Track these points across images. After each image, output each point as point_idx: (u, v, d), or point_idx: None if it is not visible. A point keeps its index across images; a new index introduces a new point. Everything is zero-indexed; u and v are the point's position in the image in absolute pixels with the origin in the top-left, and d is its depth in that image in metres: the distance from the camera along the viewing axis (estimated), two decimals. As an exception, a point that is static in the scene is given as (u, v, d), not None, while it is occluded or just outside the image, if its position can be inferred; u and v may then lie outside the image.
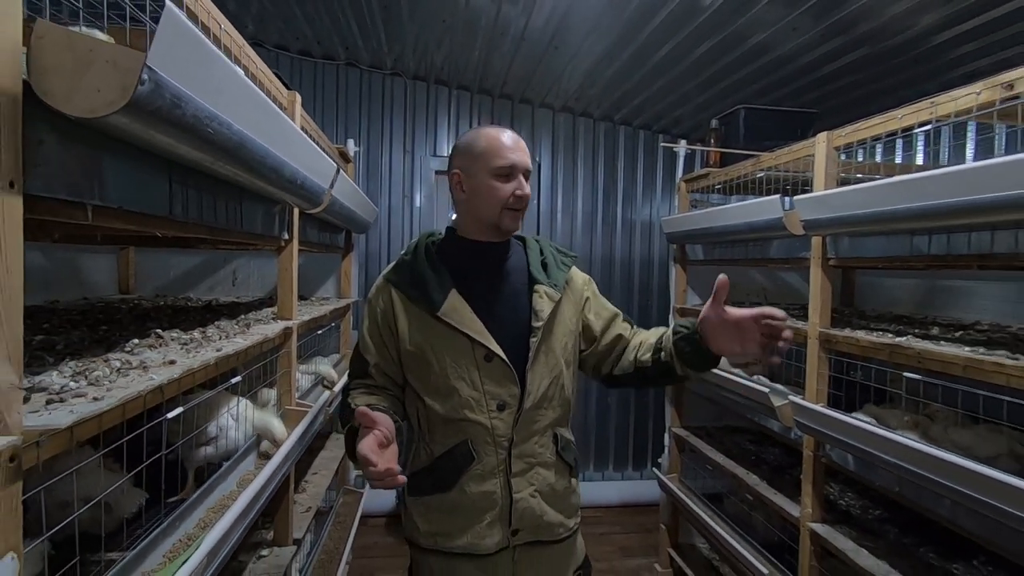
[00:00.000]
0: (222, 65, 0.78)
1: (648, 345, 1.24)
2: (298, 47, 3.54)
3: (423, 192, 3.82)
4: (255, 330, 1.38)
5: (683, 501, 2.74)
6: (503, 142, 1.17)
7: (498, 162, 1.16)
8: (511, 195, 1.16)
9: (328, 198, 1.64)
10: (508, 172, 1.16)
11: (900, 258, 1.56)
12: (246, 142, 0.89)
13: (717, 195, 2.90)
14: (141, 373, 0.85)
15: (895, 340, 1.53)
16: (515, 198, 1.16)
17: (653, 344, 1.23)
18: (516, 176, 1.16)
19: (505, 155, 1.16)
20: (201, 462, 1.35)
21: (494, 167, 1.16)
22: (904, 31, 2.46)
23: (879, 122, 1.56)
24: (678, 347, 1.16)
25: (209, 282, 2.67)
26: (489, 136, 1.18)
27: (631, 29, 2.74)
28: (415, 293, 1.19)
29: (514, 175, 1.16)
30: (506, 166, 1.15)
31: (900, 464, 1.42)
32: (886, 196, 1.36)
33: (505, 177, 1.16)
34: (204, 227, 1.02)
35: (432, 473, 1.21)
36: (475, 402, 1.16)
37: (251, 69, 1.25)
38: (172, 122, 0.68)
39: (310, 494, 2.05)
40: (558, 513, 1.23)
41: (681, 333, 1.16)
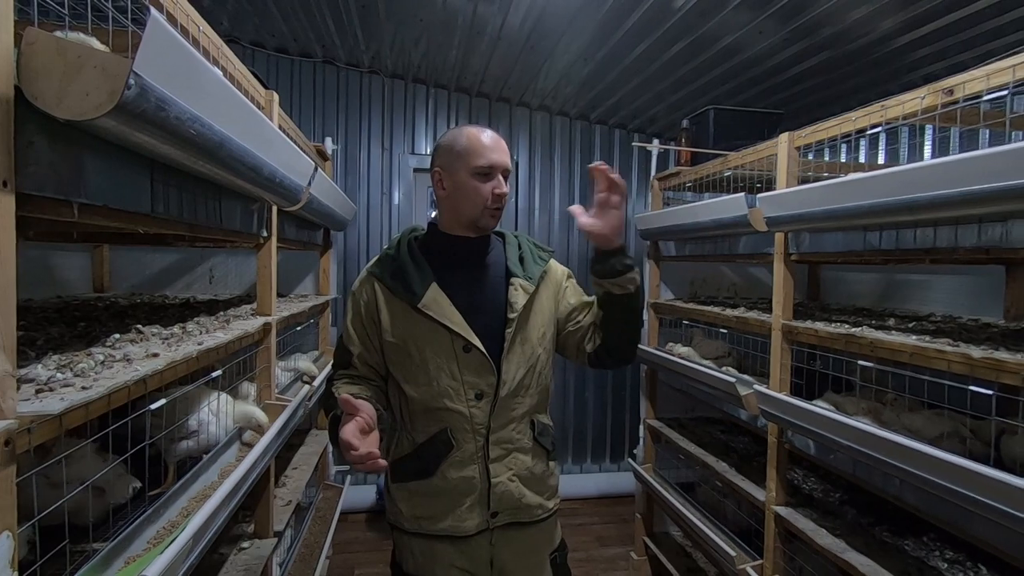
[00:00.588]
0: (204, 69, 0.81)
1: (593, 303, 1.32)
2: (274, 44, 3.53)
3: (401, 190, 3.84)
4: (235, 325, 1.41)
5: (657, 491, 2.82)
6: (483, 142, 1.21)
7: (478, 161, 1.20)
8: (490, 194, 1.21)
9: (306, 196, 1.66)
10: (487, 171, 1.20)
11: (855, 253, 1.65)
12: (226, 142, 0.92)
13: (689, 193, 2.99)
14: (125, 365, 0.88)
15: (850, 331, 1.62)
16: (494, 197, 1.21)
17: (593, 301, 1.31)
18: (495, 176, 1.21)
19: (485, 155, 1.20)
20: (182, 455, 1.37)
21: (474, 166, 1.20)
22: (865, 35, 2.57)
23: (836, 123, 1.65)
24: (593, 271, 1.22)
25: (186, 280, 2.66)
26: (470, 135, 1.22)
27: (605, 29, 2.81)
28: (397, 286, 1.23)
29: (493, 174, 1.21)
30: (485, 166, 1.20)
31: (853, 447, 1.51)
32: (839, 194, 1.45)
33: (484, 176, 1.21)
34: (184, 224, 1.05)
35: (414, 460, 1.26)
36: (454, 391, 1.21)
37: (229, 69, 1.28)
38: (157, 124, 0.71)
39: (290, 488, 2.07)
40: (536, 495, 1.29)
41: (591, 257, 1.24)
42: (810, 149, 1.80)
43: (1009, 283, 1.98)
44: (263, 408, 1.62)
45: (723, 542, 2.23)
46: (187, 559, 0.84)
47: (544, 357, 1.30)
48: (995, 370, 1.19)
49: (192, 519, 0.86)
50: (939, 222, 1.37)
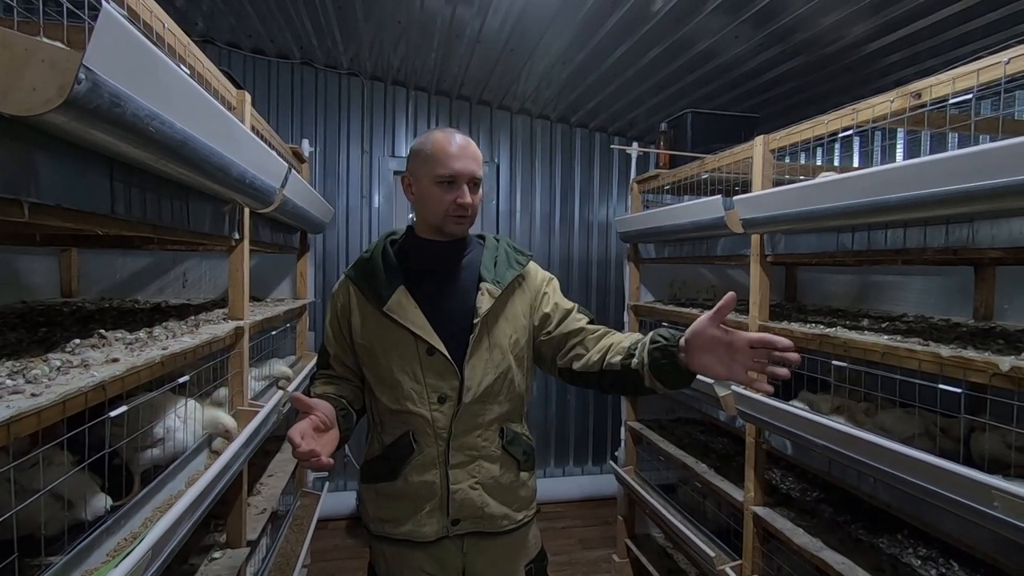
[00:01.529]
0: (163, 65, 0.79)
1: (620, 349, 1.17)
2: (251, 45, 3.48)
3: (381, 192, 3.81)
4: (204, 330, 1.37)
5: (639, 493, 2.82)
6: (448, 150, 1.17)
7: (440, 170, 1.17)
8: (452, 203, 1.18)
9: (280, 198, 1.64)
10: (450, 180, 1.18)
11: (828, 254, 1.67)
12: (190, 141, 0.89)
13: (668, 196, 3.01)
14: (82, 371, 0.84)
15: (824, 331, 1.64)
16: (456, 206, 1.18)
17: (626, 348, 1.15)
18: (460, 184, 1.18)
19: (447, 164, 1.16)
20: (148, 464, 1.33)
21: (436, 175, 1.17)
22: (837, 40, 2.61)
23: (809, 127, 1.67)
24: (653, 357, 1.07)
25: (158, 284, 2.60)
26: (436, 142, 1.18)
27: (584, 32, 2.82)
28: (368, 289, 1.23)
29: (457, 183, 1.18)
30: (447, 175, 1.17)
31: (828, 446, 1.52)
32: (812, 196, 1.46)
33: (447, 185, 1.18)
34: (148, 226, 1.02)
35: (382, 462, 1.25)
36: (417, 394, 1.20)
37: (197, 68, 1.25)
38: (112, 121, 0.68)
39: (265, 496, 2.03)
40: (502, 505, 1.26)
41: (659, 344, 1.07)
42: (785, 152, 1.82)
43: (978, 283, 2.02)
44: (235, 414, 1.59)
45: (703, 543, 2.23)
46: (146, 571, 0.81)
47: (516, 365, 1.27)
48: (963, 368, 1.21)
49: (151, 531, 0.83)
50: (909, 223, 1.39)
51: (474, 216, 1.24)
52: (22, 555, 0.90)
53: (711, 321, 1.01)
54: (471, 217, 1.22)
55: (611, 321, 4.15)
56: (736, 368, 0.99)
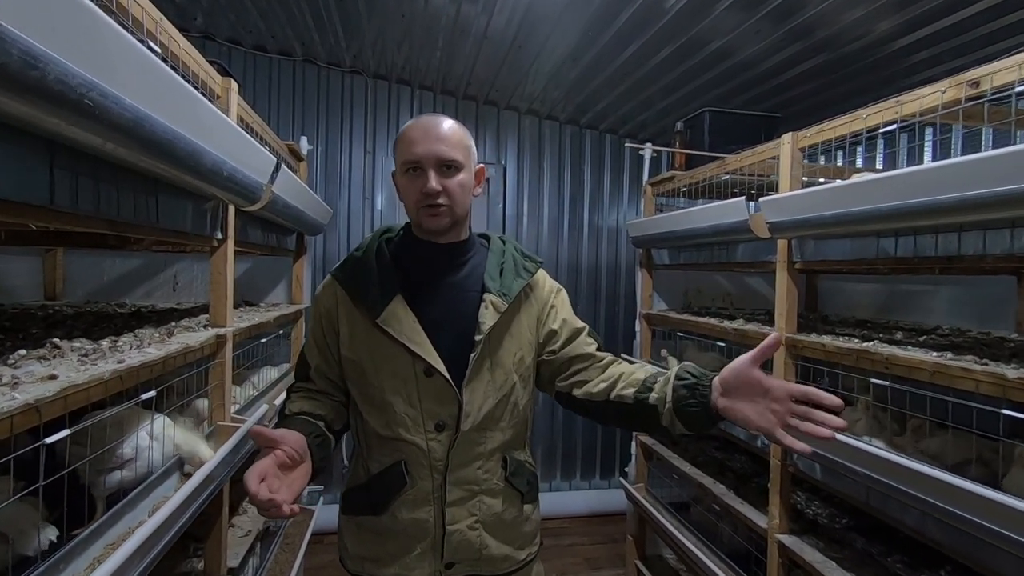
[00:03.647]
0: (104, 25, 0.66)
1: (632, 380, 1.07)
2: (252, 42, 3.38)
3: (384, 194, 3.69)
4: (178, 339, 1.24)
5: (649, 512, 2.67)
6: (409, 134, 1.05)
7: (403, 157, 1.06)
8: (419, 192, 1.04)
9: (268, 195, 1.51)
10: (415, 166, 1.05)
11: (866, 261, 1.52)
12: (145, 121, 0.76)
13: (683, 199, 2.87)
14: (8, 391, 0.71)
15: (861, 345, 1.49)
16: (423, 195, 1.04)
17: (640, 381, 1.06)
18: (426, 170, 1.04)
19: (409, 148, 1.04)
20: (114, 488, 1.20)
21: (401, 162, 1.07)
22: (861, 37, 2.48)
23: (844, 122, 1.53)
24: (679, 395, 0.98)
25: (147, 287, 2.48)
26: (404, 129, 1.07)
27: (593, 31, 2.70)
28: (358, 295, 1.09)
29: (423, 168, 1.04)
30: (410, 161, 1.04)
31: (868, 474, 1.37)
32: (854, 196, 1.32)
33: (414, 172, 1.05)
34: (102, 221, 0.89)
35: (366, 492, 1.11)
36: (411, 420, 1.05)
37: (172, 48, 1.13)
38: (28, 87, 0.56)
39: (251, 516, 1.89)
40: (504, 544, 1.12)
41: (687, 381, 0.98)
42: (816, 150, 1.68)
43: (1021, 294, 1.87)
44: (215, 430, 1.46)
45: (720, 569, 2.08)
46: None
47: (521, 386, 1.13)
48: (1033, 392, 1.06)
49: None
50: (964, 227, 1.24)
51: (455, 207, 1.06)
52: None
53: (752, 362, 0.91)
54: (448, 207, 1.05)
55: (621, 330, 4.01)
56: (771, 418, 0.89)
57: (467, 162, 1.08)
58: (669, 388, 1.00)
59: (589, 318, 4.00)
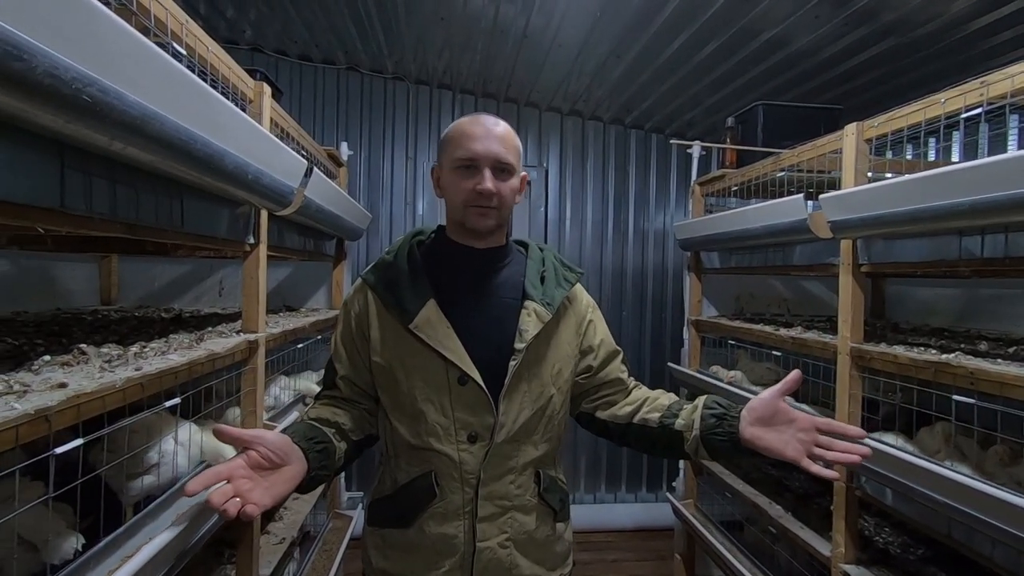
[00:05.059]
0: (102, 18, 0.63)
1: (657, 405, 1.10)
2: (297, 51, 3.45)
3: (426, 199, 3.68)
4: (205, 345, 1.23)
5: (699, 530, 2.52)
6: (467, 130, 1.02)
7: (457, 152, 1.02)
8: (470, 191, 1.01)
9: (300, 199, 1.49)
10: (469, 164, 1.01)
11: (947, 262, 1.35)
12: (152, 119, 0.73)
13: (734, 199, 2.71)
14: (12, 400, 0.69)
15: (942, 358, 1.32)
16: (475, 194, 1.00)
17: (665, 406, 1.09)
18: (481, 169, 1.01)
19: (466, 145, 1.01)
20: (141, 494, 1.19)
21: (454, 158, 1.02)
22: (932, 20, 2.27)
23: (918, 108, 1.37)
24: (707, 424, 1.01)
25: (195, 292, 2.54)
26: (458, 124, 1.05)
27: (635, 25, 2.59)
28: (390, 299, 1.04)
29: (479, 167, 1.01)
30: (465, 158, 1.01)
31: (950, 503, 1.21)
32: (934, 189, 1.17)
33: (467, 170, 1.01)
34: (120, 224, 0.87)
35: (393, 504, 1.06)
36: (443, 430, 1.01)
37: (199, 50, 1.11)
38: (13, 79, 0.52)
39: (287, 523, 1.88)
40: (535, 564, 1.07)
41: (715, 411, 1.02)
42: (884, 141, 1.52)
43: None
44: (246, 437, 1.44)
45: (778, 599, 1.92)
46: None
47: (558, 400, 1.09)
48: None
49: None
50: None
51: (502, 210, 1.04)
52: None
53: (778, 395, 0.98)
54: (497, 210, 1.03)
55: (669, 337, 3.85)
56: (798, 447, 0.94)
57: (517, 168, 1.07)
58: (697, 416, 1.03)
59: (635, 325, 3.87)
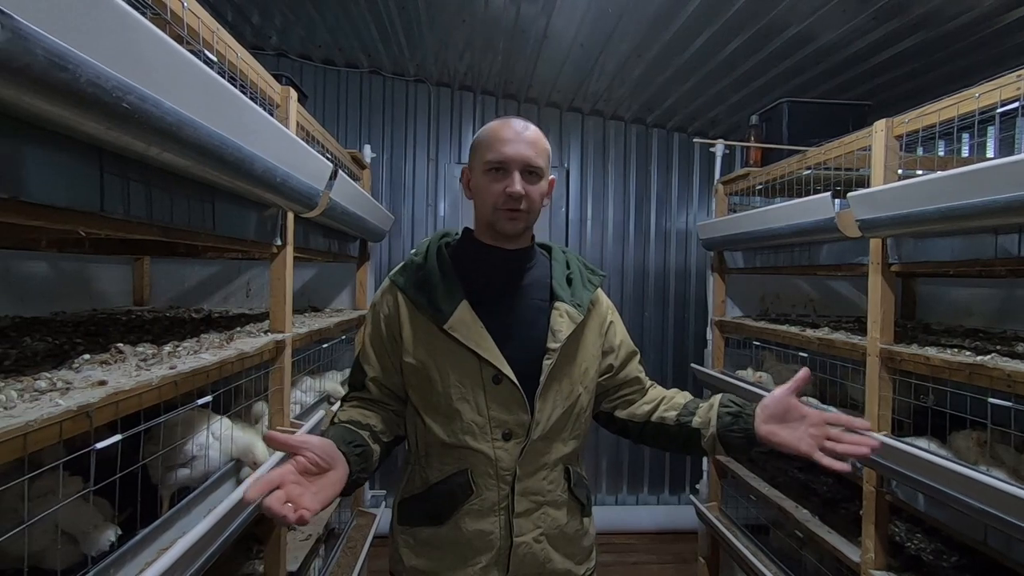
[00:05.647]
0: (139, 26, 0.65)
1: (673, 404, 1.15)
2: (321, 56, 3.51)
3: (447, 200, 3.71)
4: (234, 345, 1.26)
5: (723, 534, 2.49)
6: (499, 133, 1.03)
7: (489, 155, 1.03)
8: (500, 193, 1.02)
9: (325, 201, 1.52)
10: (499, 167, 1.02)
11: (981, 262, 1.32)
12: (188, 125, 0.76)
13: (759, 198, 2.67)
14: (56, 397, 0.72)
15: (977, 359, 1.29)
16: (504, 196, 1.02)
17: (681, 405, 1.14)
18: (511, 172, 1.02)
19: (497, 148, 1.02)
20: (178, 485, 1.23)
21: (484, 161, 1.03)
22: (965, 12, 2.20)
23: (951, 103, 1.34)
24: (724, 422, 1.06)
25: (223, 293, 2.60)
26: (489, 128, 1.06)
27: (657, 23, 2.57)
28: (422, 300, 1.05)
29: (508, 170, 1.02)
30: (496, 160, 1.02)
31: (985, 509, 1.18)
32: (963, 188, 1.14)
33: (497, 172, 1.03)
34: (156, 227, 0.90)
35: (424, 502, 1.07)
36: (478, 428, 1.02)
37: (229, 57, 1.14)
38: (58, 89, 0.55)
39: (314, 519, 1.91)
40: (566, 559, 1.09)
41: (731, 409, 1.07)
42: (916, 137, 1.48)
43: None
44: (274, 435, 1.47)
45: (805, 605, 1.89)
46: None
47: (585, 398, 1.11)
48: None
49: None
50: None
51: (531, 213, 1.05)
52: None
53: (789, 392, 1.02)
54: (526, 213, 1.04)
55: (692, 338, 3.81)
56: (807, 440, 0.99)
57: (547, 171, 1.09)
58: (713, 414, 1.08)
59: (657, 325, 3.84)
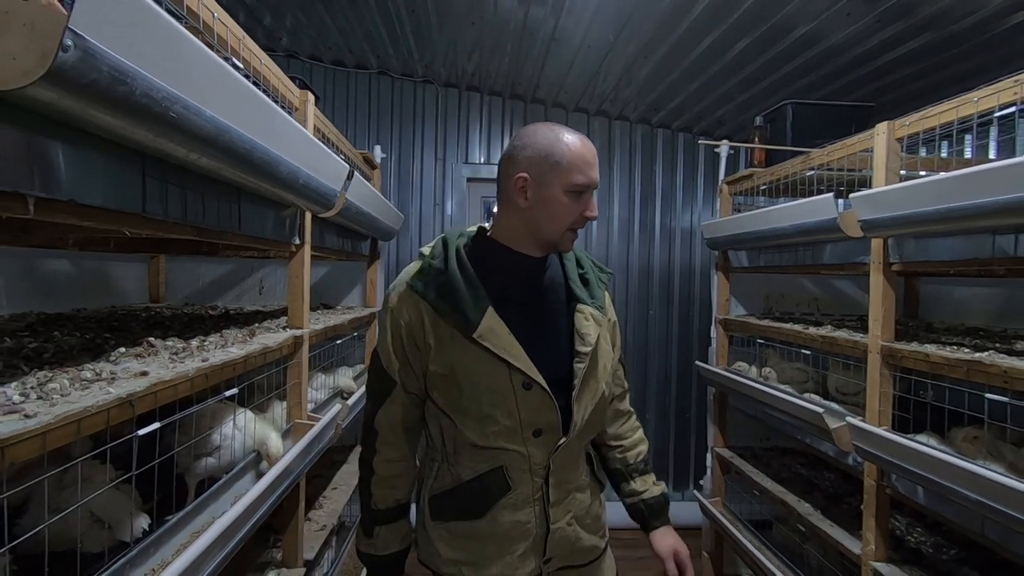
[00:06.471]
0: (186, 41, 0.70)
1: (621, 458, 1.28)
2: (331, 57, 3.55)
3: (455, 199, 3.75)
4: (258, 340, 1.31)
5: (727, 529, 2.53)
6: (585, 157, 1.03)
7: (578, 179, 1.02)
8: (579, 215, 1.05)
9: (342, 201, 1.57)
10: (583, 190, 1.04)
11: (979, 261, 1.35)
12: (225, 131, 0.81)
13: (763, 198, 2.71)
14: (104, 386, 0.77)
15: (975, 356, 1.33)
16: (582, 219, 1.06)
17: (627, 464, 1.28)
18: (589, 195, 1.06)
19: (587, 172, 1.03)
20: (204, 474, 1.28)
21: (571, 183, 1.02)
22: (971, 13, 2.23)
23: (951, 107, 1.38)
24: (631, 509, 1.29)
25: (237, 291, 2.66)
26: (572, 147, 1.03)
27: (666, 25, 2.60)
28: (444, 307, 1.03)
29: (588, 193, 1.05)
30: (584, 184, 1.03)
31: (983, 501, 1.22)
32: (962, 189, 1.18)
33: (578, 195, 1.04)
34: (190, 227, 0.95)
35: (457, 498, 1.10)
36: (510, 431, 1.05)
37: (253, 63, 1.19)
38: (118, 101, 0.60)
39: (327, 511, 1.97)
40: (591, 535, 1.16)
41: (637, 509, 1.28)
42: (916, 139, 1.52)
43: None
44: (292, 427, 1.52)
45: (807, 597, 1.93)
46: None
47: (607, 392, 1.15)
48: None
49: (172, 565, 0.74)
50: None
51: None
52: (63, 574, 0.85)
53: None
54: None
55: (696, 337, 3.85)
56: None
57: None
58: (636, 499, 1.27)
59: (662, 323, 3.87)
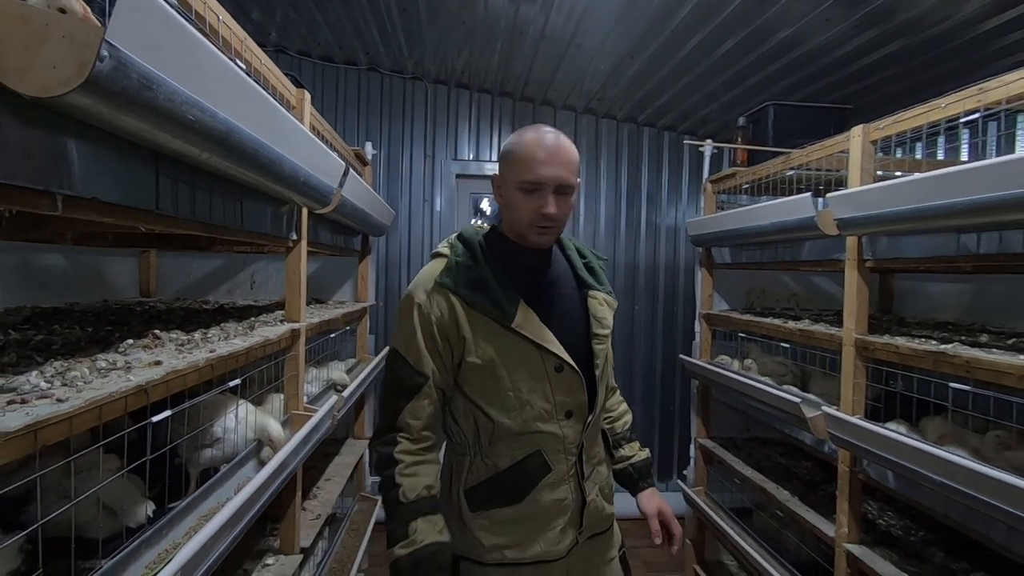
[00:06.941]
0: (203, 48, 0.74)
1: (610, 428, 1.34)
2: (320, 53, 3.56)
3: (443, 196, 3.79)
4: (259, 332, 1.35)
5: (709, 516, 2.61)
6: (535, 154, 1.06)
7: (525, 175, 1.06)
8: (534, 212, 1.07)
9: (338, 198, 1.60)
10: (534, 188, 1.07)
11: (946, 258, 1.44)
12: (235, 132, 0.84)
13: (745, 196, 2.79)
14: (122, 374, 0.81)
15: (940, 348, 1.41)
16: (539, 216, 1.07)
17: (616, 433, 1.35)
18: (546, 192, 1.06)
19: (533, 169, 1.05)
20: (206, 464, 1.32)
21: (520, 179, 1.07)
22: (944, 20, 2.32)
23: (920, 112, 1.45)
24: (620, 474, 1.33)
25: (228, 285, 2.68)
26: (526, 143, 1.08)
27: (653, 25, 2.66)
28: (478, 300, 1.08)
29: (543, 191, 1.06)
30: (531, 181, 1.06)
31: (947, 483, 1.30)
32: (930, 190, 1.26)
33: (531, 192, 1.07)
34: (198, 224, 0.98)
35: (496, 486, 1.14)
36: (547, 413, 1.12)
37: (254, 64, 1.22)
38: (144, 106, 0.63)
39: (321, 501, 2.01)
40: (609, 504, 1.26)
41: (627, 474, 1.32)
42: (889, 142, 1.60)
43: None
44: (290, 418, 1.56)
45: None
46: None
47: (610, 371, 1.27)
48: None
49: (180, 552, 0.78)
50: None
51: (560, 227, 1.12)
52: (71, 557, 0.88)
53: None
54: (556, 228, 1.12)
55: (680, 331, 3.93)
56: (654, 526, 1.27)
57: (577, 184, 1.13)
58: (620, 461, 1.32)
59: (647, 318, 3.96)
